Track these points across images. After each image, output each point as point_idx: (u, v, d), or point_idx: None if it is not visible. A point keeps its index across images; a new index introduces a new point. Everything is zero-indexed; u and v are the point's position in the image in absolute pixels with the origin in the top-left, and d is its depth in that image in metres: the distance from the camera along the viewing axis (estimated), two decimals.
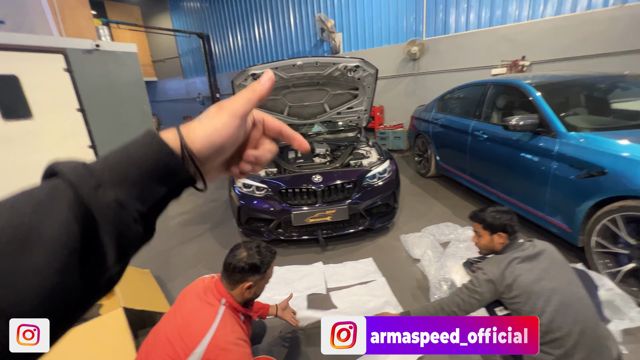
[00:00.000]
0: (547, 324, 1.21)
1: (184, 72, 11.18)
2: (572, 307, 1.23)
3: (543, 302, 1.23)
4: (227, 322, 1.08)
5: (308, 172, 2.86)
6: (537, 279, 1.28)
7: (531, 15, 5.20)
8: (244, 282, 1.15)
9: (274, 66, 2.97)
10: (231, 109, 0.35)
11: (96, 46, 4.79)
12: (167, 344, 1.04)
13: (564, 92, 2.83)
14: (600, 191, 1.97)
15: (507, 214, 1.46)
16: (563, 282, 1.29)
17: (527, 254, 1.35)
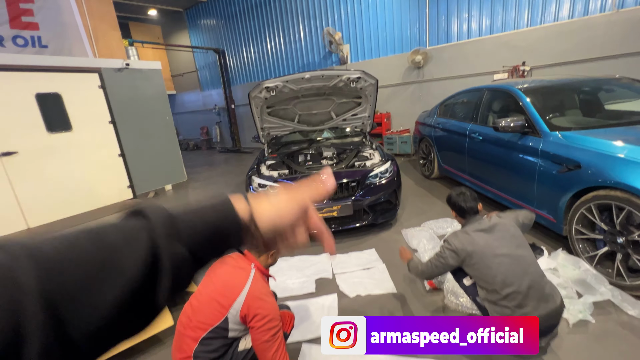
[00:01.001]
0: (501, 282, 1.50)
1: (201, 85, 11.83)
2: (520, 267, 1.52)
3: (497, 264, 1.52)
4: (258, 280, 1.39)
5: (316, 172, 3.17)
6: (490, 246, 1.57)
7: (530, 23, 5.42)
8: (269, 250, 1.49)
9: (285, 80, 3.33)
10: (300, 201, 0.41)
11: (126, 65, 5.32)
12: (211, 301, 1.35)
13: (552, 96, 3.06)
14: (576, 184, 2.19)
15: (460, 196, 1.77)
16: (512, 247, 1.57)
17: (482, 227, 1.66)
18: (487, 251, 1.55)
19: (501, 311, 1.51)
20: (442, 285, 2.21)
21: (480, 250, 1.57)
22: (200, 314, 1.36)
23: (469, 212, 1.74)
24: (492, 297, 1.54)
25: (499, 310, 1.52)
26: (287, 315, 1.62)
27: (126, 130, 5.43)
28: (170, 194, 5.85)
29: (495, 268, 1.52)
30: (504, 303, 1.49)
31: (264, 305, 1.32)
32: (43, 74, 4.57)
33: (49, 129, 4.64)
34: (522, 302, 1.46)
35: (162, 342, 2.02)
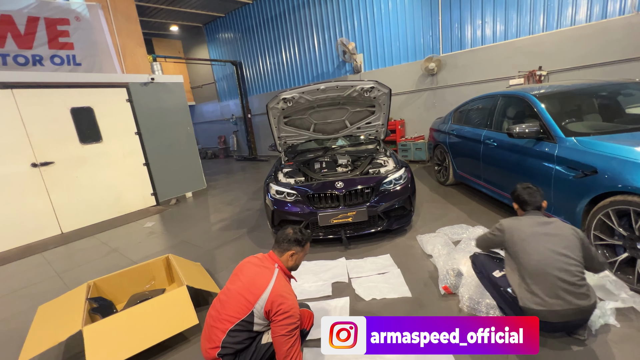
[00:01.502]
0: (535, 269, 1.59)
1: (219, 96, 12.27)
2: (560, 262, 1.58)
3: (536, 251, 1.62)
4: (281, 279, 1.52)
5: (332, 179, 3.28)
6: (535, 234, 1.67)
7: (546, 27, 5.38)
8: (289, 250, 1.63)
9: (301, 91, 3.48)
10: None
11: (151, 79, 5.65)
12: (238, 296, 1.49)
13: (568, 101, 3.05)
14: (593, 189, 2.19)
15: (526, 189, 1.86)
16: (558, 245, 1.63)
17: (536, 220, 1.75)
18: (530, 238, 1.66)
19: (532, 299, 1.57)
20: (457, 290, 2.24)
21: (523, 235, 1.68)
22: (228, 308, 1.49)
23: (531, 205, 1.82)
24: (526, 282, 1.62)
25: (529, 298, 1.58)
26: (307, 313, 1.71)
27: (150, 141, 5.74)
28: (191, 200, 6.09)
29: (534, 254, 1.61)
30: (537, 291, 1.56)
31: (286, 302, 1.42)
32: (77, 89, 4.94)
33: (82, 141, 4.98)
34: (556, 294, 1.54)
35: (187, 340, 2.14)
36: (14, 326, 2.55)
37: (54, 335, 1.96)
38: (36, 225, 4.58)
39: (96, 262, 3.67)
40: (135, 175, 5.62)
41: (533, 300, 1.58)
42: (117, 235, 4.51)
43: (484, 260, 1.95)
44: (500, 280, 1.79)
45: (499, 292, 1.79)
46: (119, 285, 2.61)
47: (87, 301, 2.25)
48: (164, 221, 4.99)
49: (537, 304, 1.57)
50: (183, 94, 6.30)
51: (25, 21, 5.03)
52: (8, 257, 4.08)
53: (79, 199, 4.96)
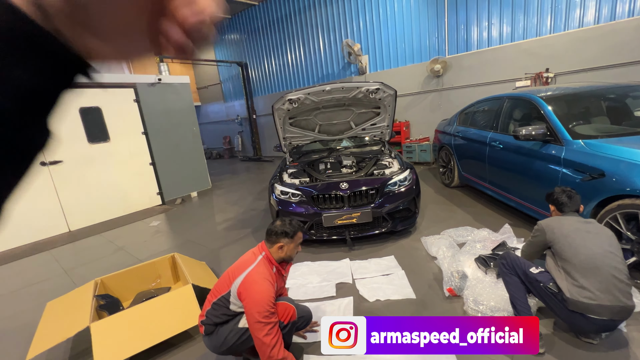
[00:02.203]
0: (584, 263, 1.62)
1: (224, 97, 12.34)
2: (608, 259, 1.62)
3: (582, 247, 1.65)
4: (261, 267, 1.60)
5: (336, 180, 3.29)
6: (579, 230, 1.71)
7: (553, 29, 5.34)
8: (277, 243, 1.68)
9: (306, 92, 3.49)
10: None
11: (158, 80, 5.71)
12: (226, 274, 1.63)
13: (575, 103, 3.03)
14: (600, 192, 2.17)
15: (565, 192, 1.90)
16: (604, 243, 1.67)
17: (576, 220, 1.79)
18: (574, 234, 1.69)
19: (581, 292, 1.59)
20: (461, 292, 2.23)
21: (565, 231, 1.72)
22: (218, 284, 1.66)
23: (570, 207, 1.86)
24: (573, 277, 1.64)
25: (578, 291, 1.60)
26: (284, 306, 1.73)
27: (157, 141, 5.80)
28: (196, 200, 6.13)
29: (581, 249, 1.65)
30: (587, 285, 1.59)
31: (254, 287, 1.50)
32: (86, 89, 5.00)
33: (90, 140, 5.05)
34: (607, 289, 1.56)
35: (192, 338, 2.16)
36: (23, 322, 2.60)
37: (63, 331, 2.00)
38: (45, 223, 4.65)
39: (103, 260, 3.72)
40: (141, 175, 5.68)
41: (582, 294, 1.59)
42: (123, 234, 4.57)
43: (516, 258, 1.89)
44: (539, 276, 1.77)
45: (537, 289, 1.77)
46: (125, 283, 2.64)
47: (94, 298, 2.28)
48: (170, 220, 5.03)
49: (586, 298, 1.58)
50: (189, 95, 6.36)
51: None
52: (18, 254, 4.15)
53: (86, 197, 5.03)
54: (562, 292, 1.65)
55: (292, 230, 1.69)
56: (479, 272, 2.30)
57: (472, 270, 2.32)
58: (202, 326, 1.67)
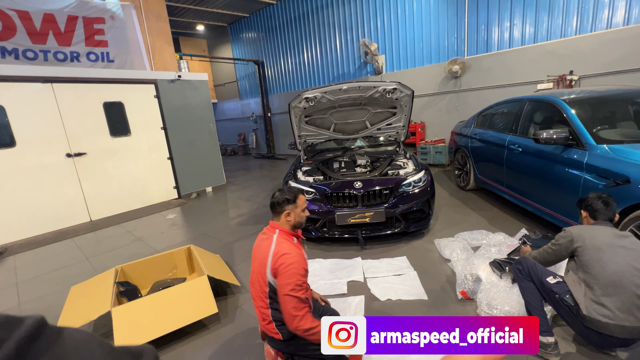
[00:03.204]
0: (608, 281, 1.52)
1: (240, 94, 12.52)
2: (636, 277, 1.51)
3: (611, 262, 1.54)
4: (281, 241, 1.56)
5: (350, 179, 3.30)
6: (612, 245, 1.57)
7: (579, 30, 5.17)
8: (283, 211, 1.65)
9: (323, 90, 3.52)
10: None
11: (178, 77, 5.86)
12: (257, 275, 1.57)
13: (600, 107, 2.94)
14: (624, 199, 2.10)
15: (600, 198, 1.76)
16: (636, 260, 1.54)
17: (612, 231, 1.65)
18: (607, 248, 1.57)
19: (599, 310, 1.51)
20: (475, 295, 2.21)
21: (598, 244, 1.59)
22: (256, 287, 1.59)
23: (605, 215, 1.73)
24: (593, 292, 1.55)
25: (596, 309, 1.52)
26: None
27: (175, 136, 5.95)
28: (211, 195, 6.26)
29: (610, 265, 1.53)
30: (607, 303, 1.51)
31: (288, 254, 1.48)
32: (109, 85, 5.20)
33: (112, 134, 5.23)
34: (629, 309, 1.48)
35: (207, 328, 2.22)
36: (48, 303, 2.74)
37: (86, 313, 2.09)
38: (68, 212, 4.86)
39: (122, 249, 3.86)
40: (159, 169, 5.84)
41: (601, 312, 1.52)
42: (142, 225, 4.72)
43: (533, 264, 1.81)
44: (556, 286, 1.68)
45: (552, 300, 1.70)
46: (143, 272, 2.74)
47: (115, 285, 2.38)
48: (185, 214, 5.16)
49: (605, 317, 1.51)
50: (207, 92, 6.49)
51: (65, 20, 5.35)
52: (42, 241, 4.36)
53: (107, 189, 5.22)
54: (579, 306, 1.57)
55: (292, 195, 1.69)
56: (494, 276, 2.26)
57: (487, 274, 2.29)
58: (278, 333, 1.55)
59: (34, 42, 5.15)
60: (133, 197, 5.53)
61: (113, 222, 4.91)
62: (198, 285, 2.29)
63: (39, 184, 4.56)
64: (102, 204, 5.19)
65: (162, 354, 2.02)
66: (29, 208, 4.50)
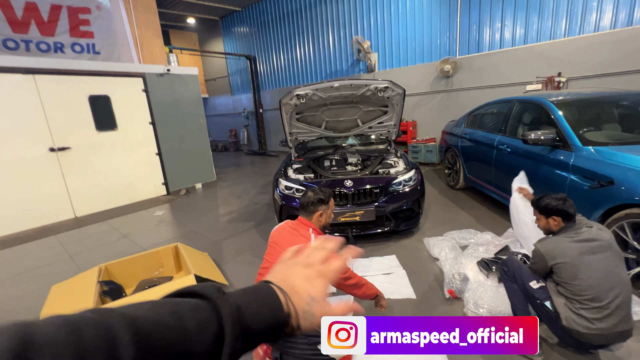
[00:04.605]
0: (587, 294, 1.53)
1: (232, 90, 12.35)
2: (611, 283, 1.54)
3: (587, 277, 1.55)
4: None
5: (341, 177, 3.28)
6: (585, 262, 1.57)
7: (568, 33, 5.24)
8: (316, 211, 1.69)
9: (314, 88, 3.48)
10: (330, 278, 0.47)
11: (167, 70, 5.73)
12: None
13: (586, 109, 2.98)
14: (608, 200, 2.14)
15: (561, 201, 1.73)
16: (610, 264, 1.57)
17: (581, 237, 1.63)
18: (580, 263, 1.57)
19: (579, 321, 1.54)
20: (462, 294, 2.23)
21: (570, 260, 1.59)
22: None
23: (569, 219, 1.71)
24: (573, 305, 1.57)
25: (575, 319, 1.55)
26: None
27: (163, 131, 5.83)
28: (200, 192, 6.17)
29: (587, 280, 1.54)
30: (586, 314, 1.53)
31: None
32: (95, 77, 5.05)
33: (98, 128, 5.09)
34: (605, 317, 1.50)
35: None
36: (28, 303, 2.65)
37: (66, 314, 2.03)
38: (51, 208, 4.72)
39: (107, 246, 3.77)
40: (147, 164, 5.72)
41: (580, 323, 1.54)
42: (128, 222, 4.62)
43: (519, 267, 1.81)
44: (538, 292, 1.69)
45: (534, 304, 1.71)
46: (128, 270, 2.68)
47: (98, 283, 2.32)
48: (174, 211, 5.08)
49: (584, 328, 1.53)
50: (197, 86, 6.37)
51: (48, 9, 5.15)
52: (23, 238, 4.22)
53: (92, 184, 5.08)
54: (559, 315, 1.60)
55: (326, 196, 1.73)
56: (481, 275, 2.29)
57: (474, 273, 2.31)
58: None
59: (15, 32, 4.95)
60: (120, 193, 5.40)
61: (98, 219, 4.80)
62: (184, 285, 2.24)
63: (20, 179, 4.41)
64: (87, 200, 5.06)
65: None
66: (9, 204, 4.34)
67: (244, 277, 2.80)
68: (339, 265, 0.49)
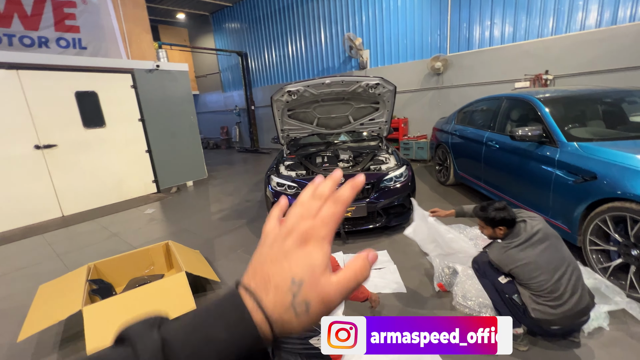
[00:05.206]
0: (546, 286, 1.64)
1: (223, 86, 12.22)
2: (563, 269, 1.65)
3: (540, 273, 1.65)
4: None
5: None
6: (534, 260, 1.67)
7: (555, 31, 5.34)
8: None
9: (306, 84, 3.48)
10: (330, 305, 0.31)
11: (156, 66, 5.64)
12: None
13: (572, 106, 3.05)
14: (591, 194, 2.20)
15: (503, 211, 1.79)
16: (555, 253, 1.69)
17: (521, 240, 1.72)
18: (532, 266, 1.66)
19: (544, 310, 1.64)
20: (451, 287, 2.27)
21: (519, 263, 1.69)
22: None
23: (513, 225, 1.78)
24: (537, 298, 1.67)
25: (541, 309, 1.65)
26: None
27: (153, 128, 5.75)
28: (192, 189, 6.12)
29: (539, 277, 1.65)
30: (549, 303, 1.64)
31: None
32: (82, 73, 4.94)
33: (85, 125, 4.99)
34: (566, 300, 1.62)
35: None
36: (14, 304, 2.60)
37: (55, 313, 2.00)
38: (38, 207, 4.61)
39: (96, 245, 3.71)
40: (137, 162, 5.64)
41: (544, 311, 1.65)
42: (118, 221, 4.55)
43: (485, 265, 1.88)
44: (506, 287, 1.76)
45: (503, 298, 1.78)
46: (118, 269, 2.65)
47: (87, 282, 2.29)
48: (165, 209, 5.02)
49: (549, 315, 1.64)
50: (188, 83, 6.29)
51: (32, 2, 5.01)
52: (9, 237, 4.13)
53: (80, 182, 4.99)
54: (527, 307, 1.69)
55: None
56: (469, 269, 2.33)
57: (463, 267, 2.36)
58: None
59: None
60: (109, 191, 5.32)
61: (87, 218, 4.72)
62: (176, 282, 2.23)
63: (4, 178, 4.30)
64: (75, 199, 4.96)
65: None
66: None
67: (236, 274, 2.79)
68: (336, 207, 0.34)
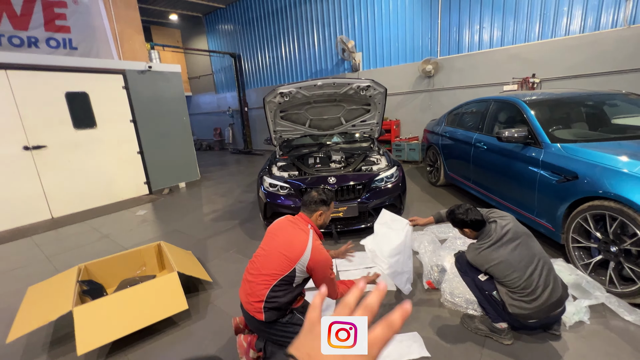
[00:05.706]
0: (520, 282, 1.70)
1: (216, 88, 12.19)
2: (534, 264, 1.71)
3: (513, 270, 1.71)
4: (316, 238, 1.69)
5: (325, 174, 3.34)
6: (506, 258, 1.73)
7: (541, 36, 5.49)
8: (317, 211, 1.79)
9: (298, 86, 3.52)
10: None
11: (149, 67, 5.62)
12: (279, 254, 1.62)
13: (556, 108, 3.15)
14: (573, 194, 2.29)
15: (464, 214, 1.84)
16: (526, 250, 1.74)
17: (493, 241, 1.77)
18: (504, 265, 1.72)
19: (520, 305, 1.69)
20: (440, 285, 2.32)
21: (495, 264, 1.74)
22: (269, 266, 1.63)
23: (480, 225, 1.83)
24: (513, 295, 1.73)
25: (517, 305, 1.70)
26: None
27: (145, 129, 5.72)
28: (184, 191, 6.09)
29: (516, 281, 1.70)
30: (524, 298, 1.70)
31: (324, 256, 1.63)
32: (73, 74, 4.90)
33: (76, 126, 4.95)
34: (539, 295, 1.68)
35: (177, 325, 2.19)
36: (3, 305, 2.57)
37: (44, 314, 1.99)
38: (26, 208, 4.55)
39: (87, 247, 3.68)
40: (128, 163, 5.60)
41: (520, 306, 1.71)
42: (109, 222, 4.51)
43: (466, 264, 1.94)
44: (485, 284, 1.82)
45: (483, 295, 1.84)
46: (109, 270, 2.64)
47: (77, 283, 2.28)
48: (157, 210, 5.00)
49: (525, 309, 1.70)
50: (180, 84, 6.27)
51: (21, 2, 4.95)
52: None
53: (70, 184, 4.93)
54: (505, 303, 1.75)
55: (328, 198, 1.84)
56: None
57: (451, 264, 2.41)
58: (261, 313, 1.59)
59: None
60: (100, 192, 5.27)
61: (77, 219, 4.66)
62: (167, 282, 2.24)
63: None
64: (65, 200, 4.90)
65: (129, 353, 1.96)
66: None
67: (228, 274, 2.80)
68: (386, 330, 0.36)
